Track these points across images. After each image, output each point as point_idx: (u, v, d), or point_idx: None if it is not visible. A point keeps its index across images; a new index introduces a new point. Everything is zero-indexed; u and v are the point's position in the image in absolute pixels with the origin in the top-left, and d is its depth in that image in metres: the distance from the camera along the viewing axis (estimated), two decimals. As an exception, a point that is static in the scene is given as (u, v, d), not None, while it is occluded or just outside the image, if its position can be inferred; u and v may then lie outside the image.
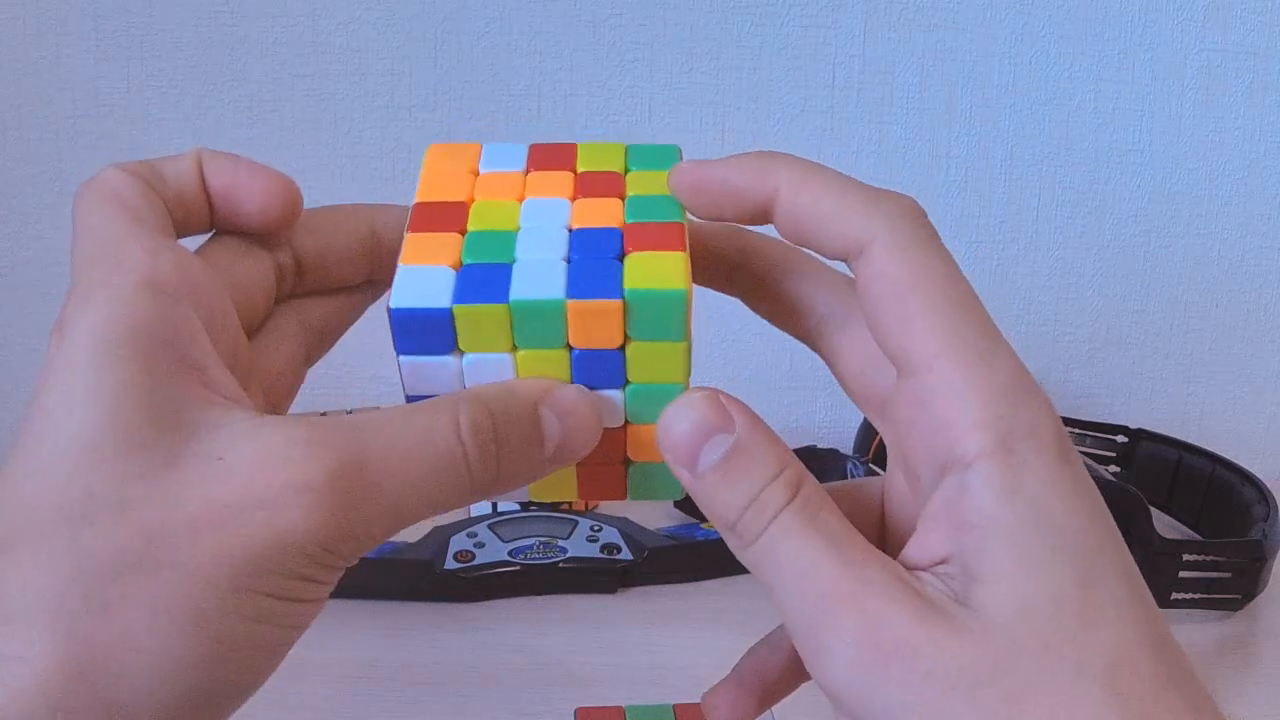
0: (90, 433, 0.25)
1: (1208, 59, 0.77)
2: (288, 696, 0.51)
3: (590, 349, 0.29)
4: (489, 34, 0.75)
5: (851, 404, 0.33)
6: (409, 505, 0.27)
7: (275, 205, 0.32)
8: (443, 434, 0.28)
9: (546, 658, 0.56)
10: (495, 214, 0.31)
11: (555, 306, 0.28)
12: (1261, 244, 0.80)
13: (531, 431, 0.29)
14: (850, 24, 0.76)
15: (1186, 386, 0.82)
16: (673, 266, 0.29)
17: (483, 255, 0.30)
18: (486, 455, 0.28)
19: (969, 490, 0.26)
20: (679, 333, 0.29)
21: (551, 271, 0.29)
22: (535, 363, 0.29)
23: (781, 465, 0.28)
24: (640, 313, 0.29)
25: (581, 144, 0.34)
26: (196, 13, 0.74)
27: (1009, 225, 0.80)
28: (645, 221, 0.31)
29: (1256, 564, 0.59)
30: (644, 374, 0.30)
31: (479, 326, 0.29)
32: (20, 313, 0.77)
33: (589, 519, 0.65)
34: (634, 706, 0.48)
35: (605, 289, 0.29)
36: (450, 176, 0.33)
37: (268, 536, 0.25)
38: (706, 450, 0.28)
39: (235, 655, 0.26)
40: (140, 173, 0.31)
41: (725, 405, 0.29)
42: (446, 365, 0.29)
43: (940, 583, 0.27)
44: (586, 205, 0.31)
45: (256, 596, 0.26)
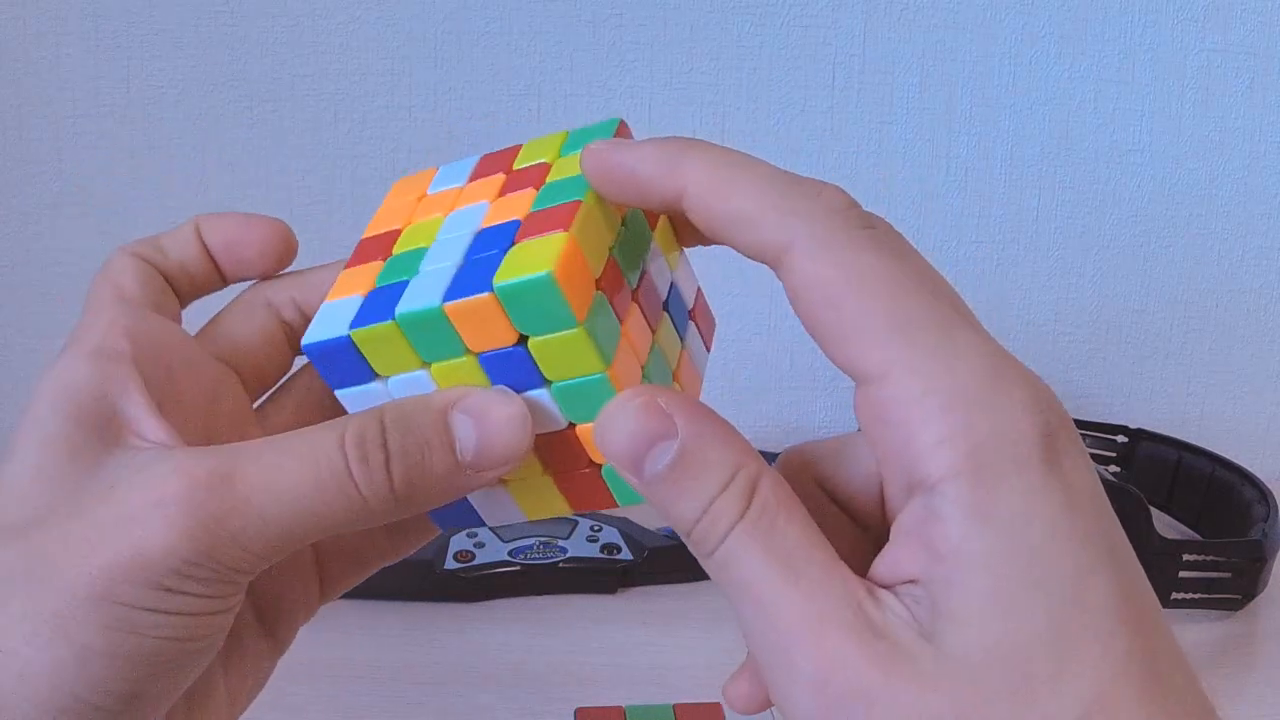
0: (20, 472, 0.29)
1: (1208, 59, 0.77)
2: (288, 696, 0.51)
3: (491, 351, 0.28)
4: (489, 34, 0.75)
5: (851, 404, 0.32)
6: (286, 519, 0.28)
7: (271, 248, 0.35)
8: (322, 446, 0.28)
9: (546, 658, 0.56)
10: (418, 234, 0.31)
11: (434, 313, 0.27)
12: (1261, 244, 0.80)
13: (432, 437, 0.28)
14: (850, 24, 0.76)
15: (1186, 386, 0.82)
16: (546, 250, 0.27)
17: (389, 277, 0.29)
18: (373, 464, 0.28)
19: (937, 515, 0.24)
20: (566, 319, 0.27)
21: (439, 279, 0.28)
22: (451, 374, 0.29)
23: (733, 470, 0.26)
24: (515, 305, 0.27)
25: (528, 141, 0.33)
26: (196, 13, 0.74)
27: (1009, 225, 0.80)
28: (544, 208, 0.29)
29: (1256, 564, 0.59)
30: (557, 370, 0.28)
31: (380, 348, 0.29)
32: (20, 313, 0.77)
33: (589, 519, 0.65)
34: (634, 706, 0.48)
35: (478, 285, 0.27)
36: (398, 207, 0.33)
37: (126, 550, 0.27)
38: (650, 459, 0.26)
39: (99, 662, 0.27)
40: (141, 252, 0.34)
41: (664, 407, 0.26)
42: (376, 391, 0.29)
43: (905, 609, 0.24)
44: (502, 203, 0.30)
45: (116, 607, 0.27)
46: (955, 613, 0.23)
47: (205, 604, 0.28)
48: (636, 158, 0.28)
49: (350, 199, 0.37)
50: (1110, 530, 0.25)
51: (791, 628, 0.24)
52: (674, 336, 0.32)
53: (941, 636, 0.23)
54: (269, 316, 0.35)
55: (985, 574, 0.23)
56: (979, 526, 0.23)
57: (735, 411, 0.28)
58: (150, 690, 0.28)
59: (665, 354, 0.31)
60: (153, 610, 0.27)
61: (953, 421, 0.24)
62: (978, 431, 0.24)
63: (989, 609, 0.23)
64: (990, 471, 0.24)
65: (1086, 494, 0.24)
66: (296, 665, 0.32)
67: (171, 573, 0.27)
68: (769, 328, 0.78)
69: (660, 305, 0.32)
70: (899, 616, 0.24)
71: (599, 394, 0.27)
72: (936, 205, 0.79)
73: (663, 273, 0.32)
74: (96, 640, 0.27)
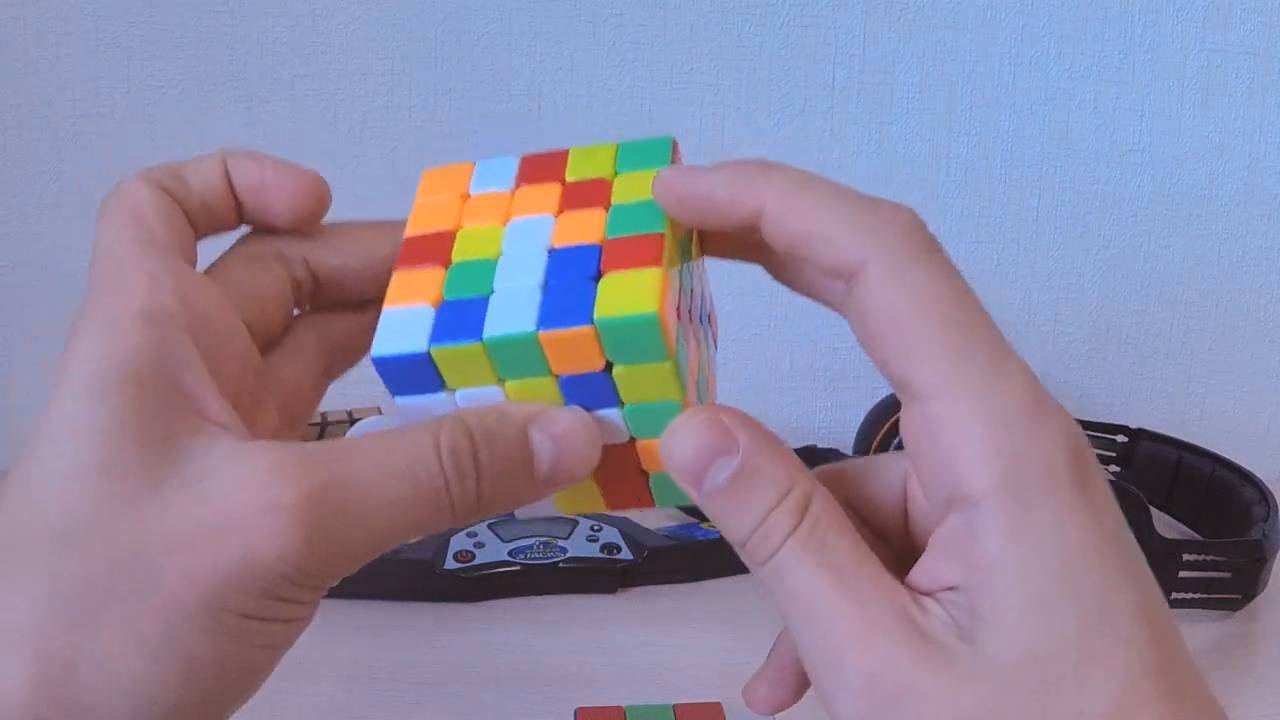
0: (76, 460, 0.26)
1: (1208, 59, 0.77)
2: (288, 696, 0.51)
3: (575, 374, 0.28)
4: (489, 34, 0.75)
5: (852, 405, 0.33)
6: (388, 528, 0.28)
7: (304, 202, 0.33)
8: (423, 458, 0.28)
9: (546, 658, 0.56)
10: (479, 241, 0.31)
11: (528, 339, 0.28)
12: (1261, 244, 0.80)
13: (517, 455, 0.28)
14: (850, 24, 0.76)
15: (1186, 386, 0.82)
16: (645, 286, 0.28)
17: (462, 290, 0.29)
18: (466, 479, 0.28)
19: (975, 529, 0.26)
20: (659, 353, 0.28)
21: (526, 301, 0.28)
22: (525, 391, 0.29)
23: (789, 485, 0.27)
24: (613, 339, 0.28)
25: (573, 149, 0.33)
26: (196, 13, 0.74)
27: (1009, 225, 0.80)
28: (624, 235, 0.29)
29: (1256, 564, 0.59)
30: (636, 394, 0.29)
31: (459, 365, 0.29)
32: (20, 313, 0.77)
33: (589, 519, 0.65)
34: (634, 706, 0.48)
35: (576, 316, 0.28)
36: (440, 203, 0.32)
37: (239, 557, 0.26)
38: (711, 473, 0.28)
39: (205, 675, 0.26)
40: (163, 181, 0.32)
41: (728, 425, 0.28)
42: (441, 402, 0.29)
43: (946, 613, 0.26)
44: (569, 220, 0.30)
45: (227, 616, 0.26)
46: (991, 618, 0.25)
47: (302, 610, 0.28)
48: (713, 183, 0.29)
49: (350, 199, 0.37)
50: (1131, 549, 0.26)
51: (843, 633, 0.26)
52: (707, 345, 0.33)
53: (979, 639, 0.25)
54: (281, 270, 0.33)
55: (1020, 583, 0.25)
56: (1015, 540, 0.25)
57: (735, 412, 0.29)
58: (238, 699, 0.28)
59: (703, 363, 0.32)
60: (260, 618, 0.27)
61: (995, 444, 0.25)
62: (1017, 455, 0.25)
63: (1023, 615, 0.25)
64: (1027, 490, 0.25)
65: (1110, 514, 0.26)
66: (296, 665, 0.32)
67: (284, 580, 0.26)
68: (769, 328, 0.78)
69: (699, 319, 0.32)
70: (940, 620, 0.26)
71: (669, 415, 0.28)
72: (936, 205, 0.79)
73: (701, 285, 0.33)
74: (205, 651, 0.26)
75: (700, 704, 0.49)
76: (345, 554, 0.27)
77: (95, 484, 0.26)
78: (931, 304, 0.26)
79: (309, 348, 0.34)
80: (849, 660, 0.26)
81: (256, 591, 0.26)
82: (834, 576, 0.26)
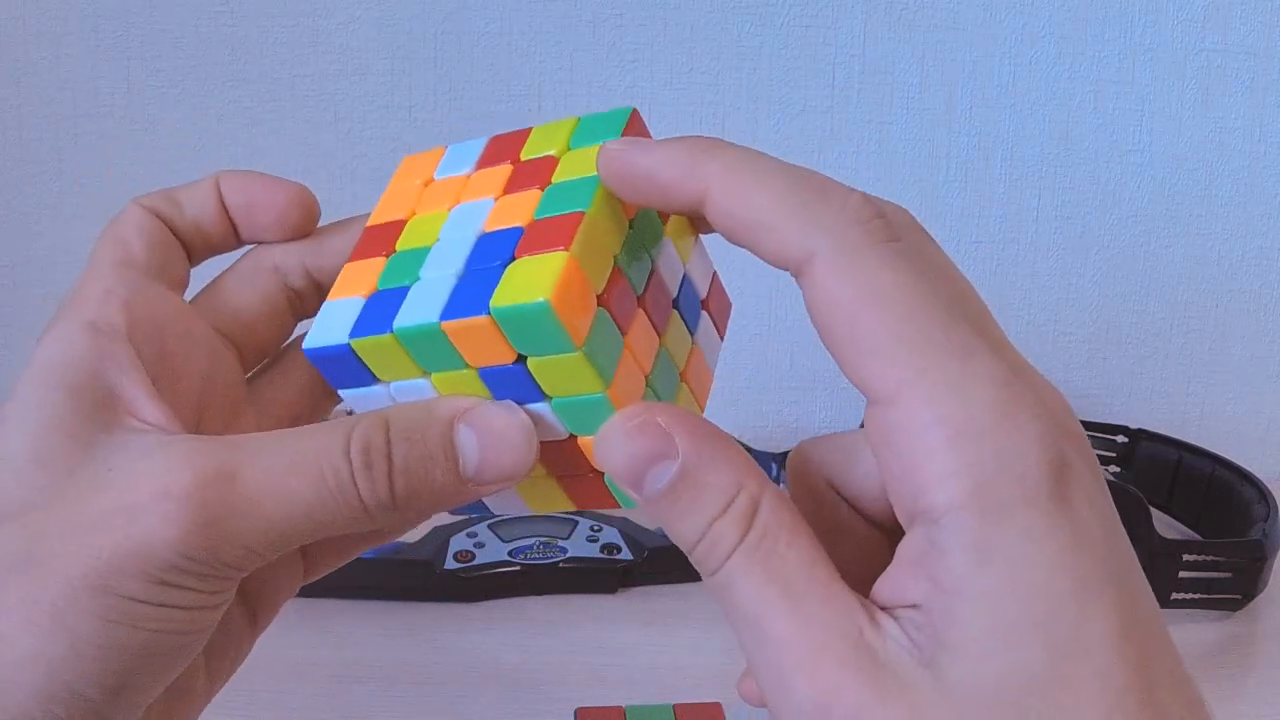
0: (13, 450, 0.28)
1: (1208, 59, 0.77)
2: (287, 696, 0.51)
3: (491, 366, 0.27)
4: (489, 34, 0.75)
5: (851, 404, 0.32)
6: (285, 521, 0.27)
7: (292, 215, 0.33)
8: (327, 451, 0.27)
9: (546, 658, 0.56)
10: (422, 229, 0.30)
11: (433, 330, 0.27)
12: (1261, 244, 0.80)
13: (436, 451, 0.28)
14: (850, 24, 0.76)
15: (1186, 386, 0.82)
16: (544, 272, 0.26)
17: (391, 280, 0.29)
18: (376, 476, 0.27)
19: (939, 547, 0.23)
20: (564, 344, 0.26)
21: (439, 290, 0.28)
22: (452, 383, 0.28)
23: (733, 491, 0.25)
24: (512, 329, 0.26)
25: (536, 126, 0.31)
26: (196, 13, 0.74)
27: (1009, 225, 0.80)
28: (548, 216, 0.28)
29: (1256, 564, 0.59)
30: (557, 387, 0.27)
31: (380, 358, 0.28)
32: (20, 312, 0.77)
33: (589, 519, 0.65)
34: (634, 706, 0.48)
35: (476, 306, 0.27)
36: (404, 192, 0.32)
37: (125, 540, 0.26)
38: (649, 477, 0.26)
39: (94, 653, 0.27)
40: (155, 206, 0.33)
41: (665, 427, 0.26)
42: (378, 394, 0.29)
43: (904, 634, 0.24)
44: (506, 203, 0.29)
45: (111, 597, 0.27)
46: (955, 645, 0.23)
47: (201, 599, 0.28)
48: (656, 160, 0.27)
49: (350, 199, 0.37)
50: (1121, 561, 0.24)
51: (790, 655, 0.24)
52: (684, 335, 0.31)
53: (941, 666, 0.23)
54: (274, 282, 0.34)
55: (986, 611, 0.23)
56: (981, 564, 0.23)
57: (735, 411, 0.29)
58: (138, 683, 0.28)
59: (673, 356, 0.30)
60: (149, 603, 0.27)
61: (960, 456, 0.23)
62: (984, 467, 0.23)
63: (989, 645, 0.23)
64: (995, 509, 0.23)
65: (1096, 527, 0.24)
66: (296, 665, 0.32)
67: (170, 567, 0.27)
68: (769, 328, 0.78)
69: (670, 305, 0.31)
70: (898, 643, 0.24)
71: (599, 411, 0.27)
72: (936, 205, 0.79)
73: (674, 267, 0.31)
74: (92, 631, 0.27)
75: (700, 704, 0.49)
76: (238, 544, 0.27)
77: (22, 472, 0.28)
78: (883, 300, 0.24)
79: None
80: (796, 685, 0.24)
81: (142, 576, 0.27)
82: (781, 592, 0.24)
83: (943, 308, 0.24)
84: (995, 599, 0.23)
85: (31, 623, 0.27)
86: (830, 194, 0.25)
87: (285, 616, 0.35)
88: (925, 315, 0.24)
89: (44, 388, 0.29)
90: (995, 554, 0.23)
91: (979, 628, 0.23)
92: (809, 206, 0.25)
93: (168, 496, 0.27)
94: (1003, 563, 0.23)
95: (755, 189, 0.26)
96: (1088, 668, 0.23)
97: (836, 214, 0.25)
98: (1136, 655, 0.24)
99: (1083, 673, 0.23)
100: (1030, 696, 0.23)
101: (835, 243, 0.25)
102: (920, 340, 0.24)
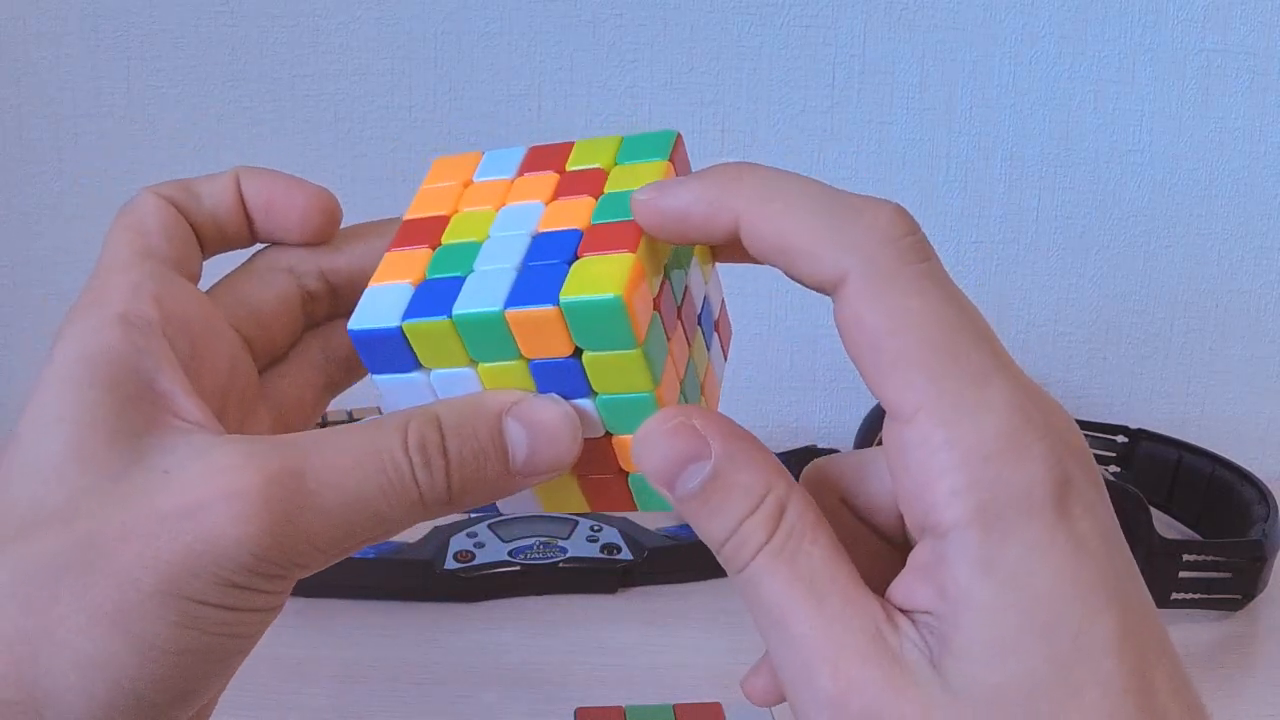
0: (50, 450, 0.27)
1: (1208, 59, 0.77)
2: (288, 696, 0.51)
3: (545, 359, 0.28)
4: (489, 34, 0.75)
5: (851, 405, 0.33)
6: (352, 518, 0.27)
7: (314, 219, 0.33)
8: (388, 448, 0.27)
9: (546, 658, 0.56)
10: (469, 225, 0.31)
11: (494, 318, 0.28)
12: (1261, 244, 0.80)
13: (488, 445, 0.28)
14: (850, 24, 0.76)
15: (1186, 386, 0.82)
16: (616, 270, 0.27)
17: (443, 269, 0.29)
18: (435, 470, 0.28)
19: (945, 560, 0.25)
20: (627, 340, 0.27)
21: (499, 281, 0.28)
22: (498, 375, 0.29)
23: (762, 493, 0.27)
24: (578, 321, 0.27)
25: (580, 141, 0.33)
26: (196, 13, 0.74)
27: (1009, 225, 0.80)
28: (607, 221, 0.29)
29: (1256, 564, 0.59)
30: (607, 384, 0.28)
31: (431, 343, 0.28)
32: (20, 312, 0.77)
33: (589, 519, 0.65)
34: (634, 706, 0.48)
35: (543, 297, 0.27)
36: (442, 190, 0.32)
37: (195, 543, 0.26)
38: (683, 478, 0.27)
39: (161, 659, 0.26)
40: (173, 196, 0.32)
41: (700, 429, 0.27)
42: (417, 382, 0.29)
43: (920, 637, 0.25)
44: (559, 207, 0.30)
45: (181, 601, 0.26)
46: (960, 652, 0.24)
47: (267, 599, 0.27)
48: (685, 202, 0.28)
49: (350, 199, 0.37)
50: (1120, 570, 0.25)
51: (813, 652, 0.25)
52: (703, 349, 0.32)
53: (947, 671, 0.25)
54: (289, 283, 0.33)
55: (989, 620, 0.24)
56: (985, 576, 0.24)
57: (735, 412, 0.29)
58: (201, 687, 0.27)
59: (697, 367, 0.32)
60: (219, 606, 0.26)
61: (968, 476, 0.25)
62: (990, 487, 0.24)
63: (992, 654, 0.24)
64: (999, 524, 0.24)
65: (1096, 539, 0.25)
66: (297, 665, 0.32)
67: (242, 568, 0.26)
68: (769, 328, 0.78)
69: (696, 320, 0.32)
70: (914, 643, 0.25)
71: (642, 409, 0.28)
72: (936, 205, 0.79)
73: (699, 287, 0.32)
74: (159, 636, 0.26)
75: (700, 704, 0.49)
76: (307, 543, 0.27)
77: (64, 474, 0.27)
78: (911, 323, 0.25)
79: (314, 360, 0.35)
80: (818, 679, 0.25)
81: (214, 579, 0.26)
82: (806, 590, 0.26)
83: (965, 333, 0.26)
84: (998, 609, 0.24)
85: (93, 628, 0.26)
86: (861, 212, 0.26)
87: (285, 616, 0.35)
88: (946, 341, 0.25)
89: (78, 384, 0.28)
90: (998, 567, 0.24)
91: (982, 636, 0.24)
92: (839, 229, 0.26)
93: (237, 496, 0.26)
94: (1005, 575, 0.24)
95: (784, 215, 0.27)
96: (1089, 674, 0.24)
97: (867, 233, 0.26)
98: (1136, 660, 0.25)
99: (1084, 679, 0.24)
100: (1034, 703, 0.24)
101: (866, 266, 0.26)
102: (941, 365, 0.25)
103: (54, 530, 0.26)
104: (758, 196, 0.27)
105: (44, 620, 0.26)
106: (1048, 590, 0.24)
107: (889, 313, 0.25)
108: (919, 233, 0.27)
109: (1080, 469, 0.26)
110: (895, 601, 0.26)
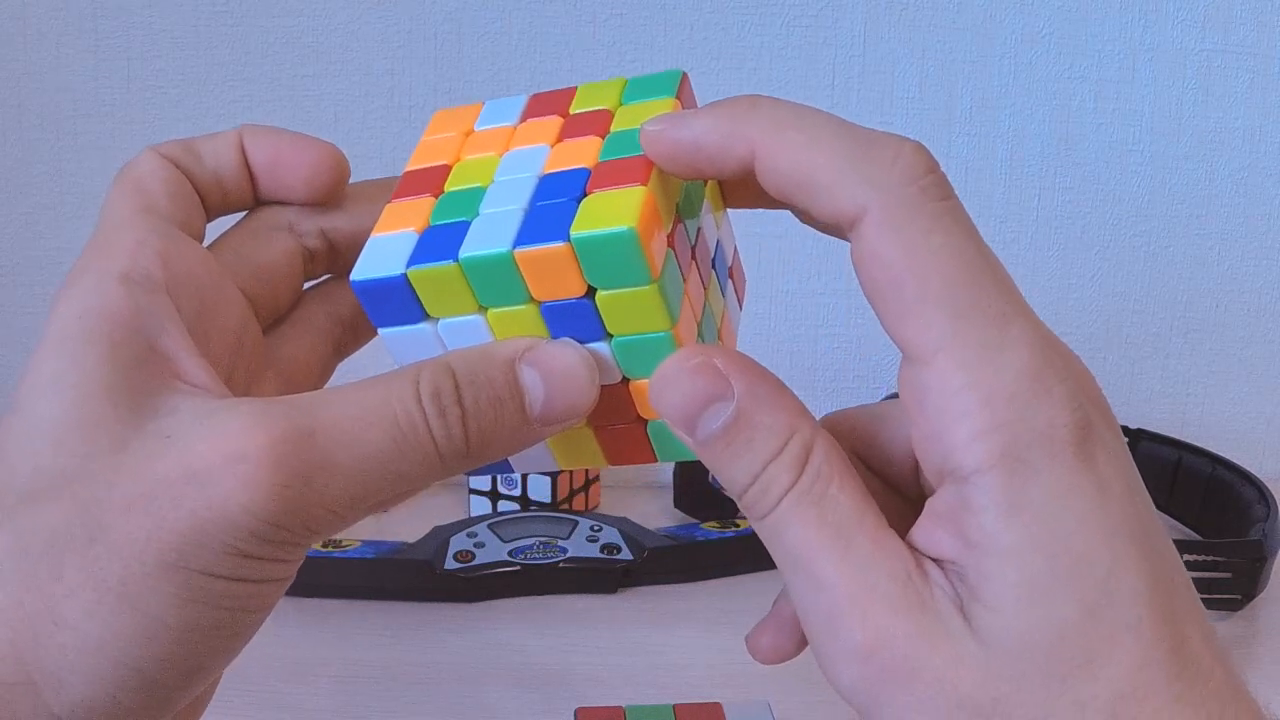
0: (49, 415, 0.26)
1: (1208, 59, 0.77)
2: (287, 696, 0.51)
3: (556, 301, 0.27)
4: (489, 34, 0.75)
5: (851, 405, 0.32)
6: (368, 477, 0.26)
7: (322, 177, 0.32)
8: (400, 400, 0.26)
9: (546, 658, 0.56)
10: (473, 171, 0.30)
11: (504, 259, 0.27)
12: (1261, 244, 0.80)
13: (504, 392, 0.27)
14: (850, 24, 0.76)
15: (1186, 386, 0.82)
16: (627, 204, 0.26)
17: (447, 215, 0.28)
18: (451, 420, 0.26)
19: (969, 505, 0.24)
20: (641, 275, 0.26)
21: (506, 223, 0.27)
22: (508, 322, 0.28)
23: (787, 435, 0.26)
24: (591, 257, 0.26)
25: (582, 85, 0.32)
26: (196, 13, 0.74)
27: (1009, 225, 0.80)
28: (615, 158, 0.28)
29: (1256, 564, 0.59)
30: (622, 324, 0.27)
31: (438, 289, 0.27)
32: (20, 312, 0.77)
33: (589, 519, 0.65)
34: (634, 706, 0.48)
35: (553, 234, 0.26)
36: (444, 140, 0.32)
37: (201, 510, 0.24)
38: (704, 419, 0.26)
39: (168, 636, 0.25)
40: (174, 154, 0.31)
41: (722, 368, 0.26)
42: (424, 333, 0.28)
43: (948, 583, 0.25)
44: (565, 148, 0.29)
45: (189, 574, 0.25)
46: (989, 600, 0.24)
47: (278, 569, 0.26)
48: (698, 132, 0.27)
49: (350, 199, 0.38)
50: (1144, 517, 0.25)
51: (841, 598, 0.24)
52: (719, 295, 0.32)
53: (976, 620, 0.24)
54: (290, 242, 0.32)
55: (1017, 565, 0.23)
56: (1011, 519, 0.24)
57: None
58: (209, 664, 0.26)
59: (714, 312, 0.31)
60: (227, 578, 0.25)
61: (990, 417, 0.24)
62: (1013, 430, 0.24)
63: (1020, 601, 0.23)
64: (1023, 467, 0.24)
65: (1120, 484, 0.24)
66: (297, 665, 0.32)
67: (252, 535, 0.25)
68: (769, 327, 0.78)
69: (710, 263, 0.31)
70: (943, 589, 0.24)
71: (660, 351, 0.27)
72: (936, 205, 0.79)
73: (711, 231, 0.31)
74: (166, 611, 0.25)
75: (700, 704, 0.49)
76: (321, 506, 0.25)
77: (63, 440, 0.26)
78: (932, 261, 0.24)
79: (318, 323, 0.34)
80: (847, 628, 0.24)
81: (222, 548, 0.25)
82: (833, 535, 0.25)
83: (986, 274, 0.25)
84: (1025, 553, 0.23)
85: (98, 604, 0.24)
86: (883, 147, 0.25)
87: (285, 616, 0.35)
88: (969, 279, 0.24)
89: (78, 344, 0.26)
90: (1022, 510, 0.23)
91: (1009, 584, 0.24)
92: (860, 163, 0.25)
93: (243, 459, 0.24)
94: (1030, 518, 0.23)
95: (803, 147, 0.26)
96: (1118, 620, 0.23)
97: (888, 168, 0.25)
98: (1166, 606, 0.24)
99: (1114, 624, 0.23)
100: (1063, 649, 0.23)
101: (886, 200, 0.25)
102: (961, 304, 0.24)
103: (55, 501, 0.25)
104: (774, 127, 0.26)
105: (46, 597, 0.25)
106: (1073, 534, 0.23)
107: (910, 248, 0.24)
108: (940, 171, 0.26)
109: (1100, 416, 0.25)
110: (918, 547, 0.25)
